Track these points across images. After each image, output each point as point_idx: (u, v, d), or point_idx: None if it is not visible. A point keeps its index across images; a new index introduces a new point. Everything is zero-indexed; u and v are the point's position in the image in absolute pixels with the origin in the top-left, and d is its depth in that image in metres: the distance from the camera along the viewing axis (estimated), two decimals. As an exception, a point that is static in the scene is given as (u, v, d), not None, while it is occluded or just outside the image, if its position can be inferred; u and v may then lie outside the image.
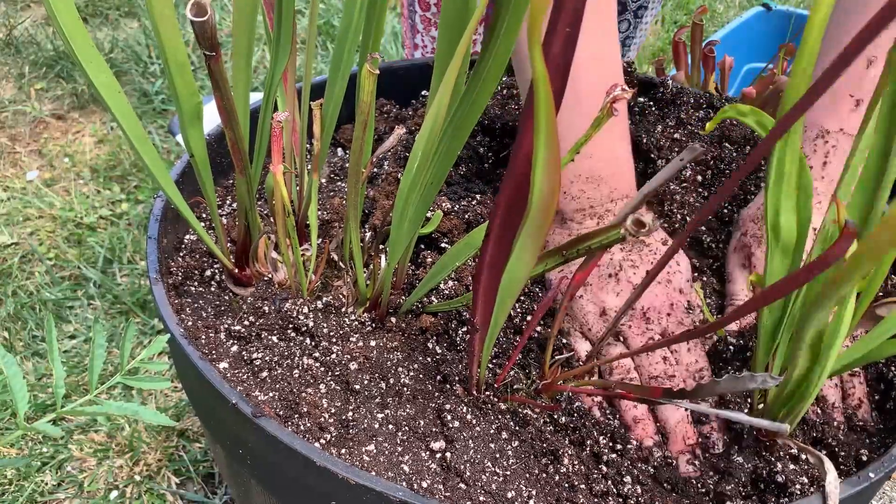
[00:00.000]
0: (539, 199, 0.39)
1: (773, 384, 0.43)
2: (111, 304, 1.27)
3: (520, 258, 0.45)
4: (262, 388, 0.57)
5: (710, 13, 2.26)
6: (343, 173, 0.84)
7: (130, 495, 1.00)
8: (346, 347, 0.60)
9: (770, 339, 0.55)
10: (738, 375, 0.46)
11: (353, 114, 0.56)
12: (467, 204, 0.75)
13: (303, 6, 2.10)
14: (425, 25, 1.23)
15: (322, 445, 0.53)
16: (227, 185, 0.81)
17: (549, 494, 0.54)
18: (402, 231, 0.56)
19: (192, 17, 0.45)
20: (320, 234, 0.72)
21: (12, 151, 1.61)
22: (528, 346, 0.65)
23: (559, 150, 0.37)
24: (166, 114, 1.75)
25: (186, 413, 1.10)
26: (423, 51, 1.26)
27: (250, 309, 0.63)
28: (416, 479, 0.53)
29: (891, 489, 1.04)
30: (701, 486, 0.56)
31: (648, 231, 0.44)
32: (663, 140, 0.81)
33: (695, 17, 0.98)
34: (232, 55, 0.54)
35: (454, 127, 0.49)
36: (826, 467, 0.52)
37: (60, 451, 1.04)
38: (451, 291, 0.66)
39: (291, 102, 0.65)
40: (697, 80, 1.03)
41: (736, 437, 0.60)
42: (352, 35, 0.57)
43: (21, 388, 0.49)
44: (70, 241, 1.40)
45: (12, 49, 1.91)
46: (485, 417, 0.58)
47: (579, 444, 0.58)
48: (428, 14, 1.21)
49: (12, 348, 1.18)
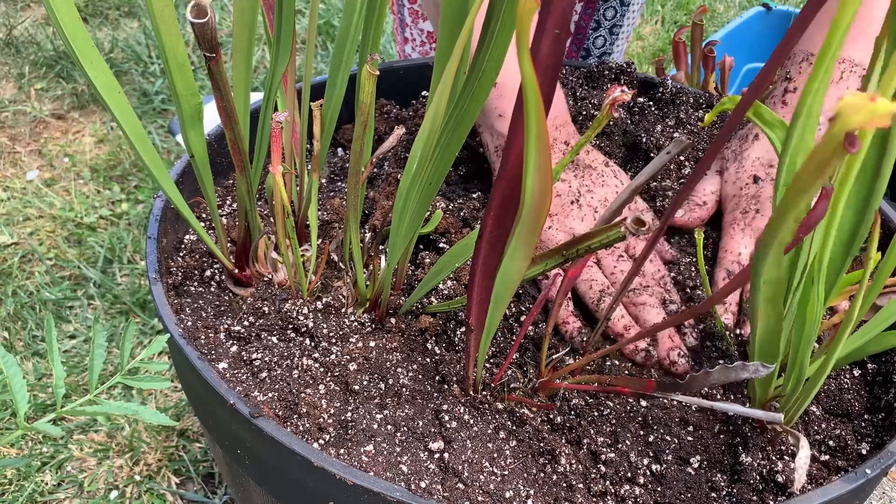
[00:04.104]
0: (531, 200, 0.39)
1: (765, 373, 0.43)
2: (111, 304, 1.27)
3: (513, 259, 0.45)
4: (261, 388, 0.57)
5: (710, 13, 2.26)
6: (343, 173, 0.84)
7: (130, 495, 1.00)
8: (346, 348, 0.60)
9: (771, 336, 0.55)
10: (730, 365, 0.46)
11: (353, 114, 0.56)
12: (464, 203, 0.75)
13: (303, 6, 2.10)
14: (413, 18, 1.23)
15: (321, 446, 0.54)
16: (227, 185, 0.81)
17: (547, 494, 0.54)
18: (402, 231, 0.57)
19: (193, 18, 0.45)
20: (320, 235, 0.72)
21: (12, 151, 1.61)
22: (525, 345, 0.65)
23: (550, 152, 0.37)
24: (166, 114, 1.75)
25: (186, 413, 1.10)
26: (413, 44, 1.26)
27: (250, 309, 0.63)
28: (414, 479, 0.53)
29: (891, 489, 1.04)
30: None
31: (648, 229, 0.44)
32: (663, 140, 0.81)
33: (695, 17, 0.99)
34: (232, 55, 0.54)
35: (453, 124, 0.49)
36: (801, 444, 0.53)
37: (60, 450, 1.04)
38: (451, 292, 0.66)
39: (291, 103, 0.65)
40: (697, 80, 1.03)
41: (741, 436, 0.60)
42: (352, 35, 0.58)
43: (21, 388, 0.49)
44: (70, 241, 1.40)
45: (12, 49, 1.91)
46: (482, 417, 0.58)
47: (576, 444, 0.58)
48: (416, 6, 1.21)
49: (12, 348, 1.18)
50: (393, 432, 0.56)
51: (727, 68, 1.01)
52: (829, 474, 0.57)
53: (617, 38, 1.25)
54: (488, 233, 0.46)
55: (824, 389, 0.63)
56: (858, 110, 0.25)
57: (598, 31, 1.24)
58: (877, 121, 0.25)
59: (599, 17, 1.22)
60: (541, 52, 0.36)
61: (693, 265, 0.73)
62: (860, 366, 0.66)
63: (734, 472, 0.57)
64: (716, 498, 0.55)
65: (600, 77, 0.87)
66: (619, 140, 0.82)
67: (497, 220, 0.45)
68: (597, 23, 1.22)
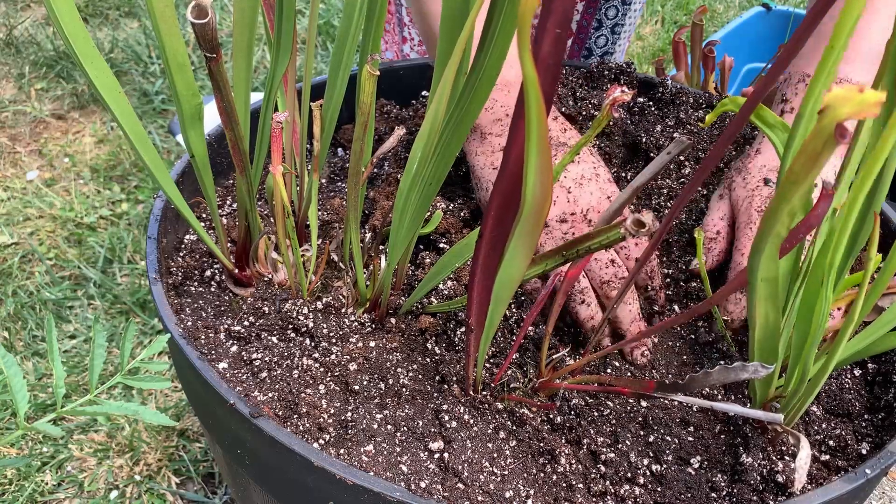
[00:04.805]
0: (532, 201, 0.39)
1: (765, 374, 0.43)
2: (111, 304, 1.27)
3: (513, 259, 0.45)
4: (261, 388, 0.57)
5: (710, 13, 2.26)
6: (343, 174, 0.84)
7: (130, 495, 1.00)
8: (346, 348, 0.60)
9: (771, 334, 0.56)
10: (731, 365, 0.46)
11: (353, 114, 0.56)
12: (464, 203, 0.75)
13: (303, 6, 2.10)
14: (412, 18, 1.23)
15: (321, 446, 0.54)
16: (227, 185, 0.81)
17: (546, 494, 0.54)
18: (402, 231, 0.57)
19: (193, 19, 0.45)
20: (320, 235, 0.72)
21: (12, 151, 1.61)
22: (525, 346, 0.65)
23: (550, 152, 0.37)
24: (166, 114, 1.75)
25: (186, 413, 1.10)
26: (412, 44, 1.26)
27: (250, 309, 0.63)
28: (414, 479, 0.53)
29: (891, 489, 1.04)
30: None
31: (648, 231, 0.44)
32: (663, 140, 0.81)
33: (695, 17, 0.99)
34: (232, 55, 0.54)
35: (453, 124, 0.49)
36: (801, 444, 0.53)
37: (60, 450, 1.04)
38: (451, 292, 0.66)
39: (291, 103, 0.65)
40: (697, 80, 1.03)
41: (741, 436, 0.60)
42: (352, 35, 0.58)
43: (21, 388, 0.49)
44: (70, 241, 1.40)
45: (12, 49, 1.91)
46: (482, 417, 0.58)
47: (576, 444, 0.58)
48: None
49: (12, 348, 1.18)
50: (393, 432, 0.56)
51: (727, 68, 1.01)
52: (829, 474, 0.57)
53: (619, 37, 1.25)
54: (488, 233, 0.46)
55: (825, 389, 0.63)
56: (847, 101, 0.25)
57: (599, 31, 1.24)
58: (865, 111, 0.25)
59: (601, 17, 1.22)
60: (542, 52, 0.36)
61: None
62: (861, 366, 0.66)
63: (734, 473, 0.57)
64: (716, 498, 0.55)
65: (600, 77, 0.87)
66: (619, 140, 0.82)
67: (497, 220, 0.45)
68: (598, 22, 1.22)
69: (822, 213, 0.37)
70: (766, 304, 0.46)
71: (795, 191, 0.33)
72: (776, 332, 0.49)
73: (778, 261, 0.42)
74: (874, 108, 0.25)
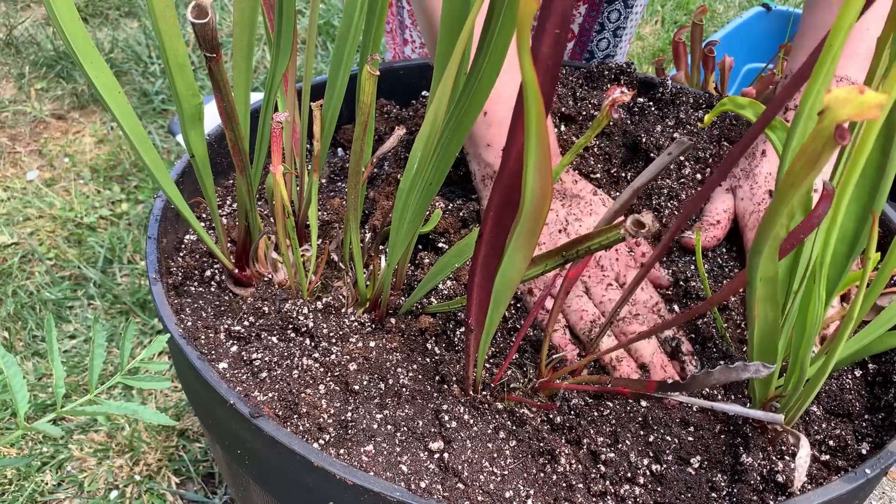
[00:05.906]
0: (531, 201, 0.39)
1: (766, 373, 0.43)
2: (111, 304, 1.27)
3: (513, 259, 0.45)
4: (261, 388, 0.57)
5: (710, 13, 2.26)
6: (343, 174, 0.84)
7: (130, 495, 1.00)
8: (346, 348, 0.60)
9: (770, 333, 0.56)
10: (731, 365, 0.46)
11: (353, 114, 0.56)
12: (464, 203, 0.75)
13: (303, 6, 2.10)
14: (413, 20, 1.23)
15: (321, 446, 0.54)
16: (227, 185, 0.81)
17: (546, 494, 0.54)
18: (402, 231, 0.57)
19: (193, 19, 0.45)
20: (320, 235, 0.72)
21: (12, 151, 1.61)
22: (525, 346, 0.65)
23: (550, 153, 0.37)
24: (166, 114, 1.75)
25: (186, 413, 1.10)
26: (413, 45, 1.26)
27: (250, 309, 0.63)
28: (414, 479, 0.53)
29: (891, 489, 1.04)
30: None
31: (648, 231, 0.44)
32: (663, 140, 0.81)
33: (695, 17, 0.99)
34: (232, 55, 0.54)
35: (453, 124, 0.49)
36: (801, 444, 0.53)
37: (60, 450, 1.04)
38: (451, 292, 0.66)
39: (292, 103, 0.65)
40: (697, 80, 1.03)
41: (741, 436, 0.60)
42: (352, 35, 0.58)
43: (21, 388, 0.49)
44: (70, 241, 1.40)
45: (12, 49, 1.91)
46: (482, 417, 0.58)
47: (576, 444, 0.58)
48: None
49: (12, 348, 1.18)
50: (393, 432, 0.56)
51: (727, 68, 1.01)
52: (829, 474, 0.57)
53: (620, 40, 1.25)
54: (488, 233, 0.46)
55: (825, 389, 0.63)
56: (847, 103, 0.25)
57: (601, 34, 1.24)
58: (865, 113, 0.25)
59: (603, 20, 1.21)
60: (541, 53, 0.36)
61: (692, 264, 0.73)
62: (861, 366, 0.66)
63: (734, 472, 0.57)
64: (716, 498, 0.55)
65: (600, 77, 0.87)
66: (619, 140, 0.82)
67: (497, 220, 0.45)
68: (601, 25, 1.22)
69: (823, 214, 0.37)
70: (766, 304, 0.46)
71: (794, 192, 0.33)
72: (775, 332, 0.49)
73: (777, 261, 0.42)
74: (874, 110, 0.25)
